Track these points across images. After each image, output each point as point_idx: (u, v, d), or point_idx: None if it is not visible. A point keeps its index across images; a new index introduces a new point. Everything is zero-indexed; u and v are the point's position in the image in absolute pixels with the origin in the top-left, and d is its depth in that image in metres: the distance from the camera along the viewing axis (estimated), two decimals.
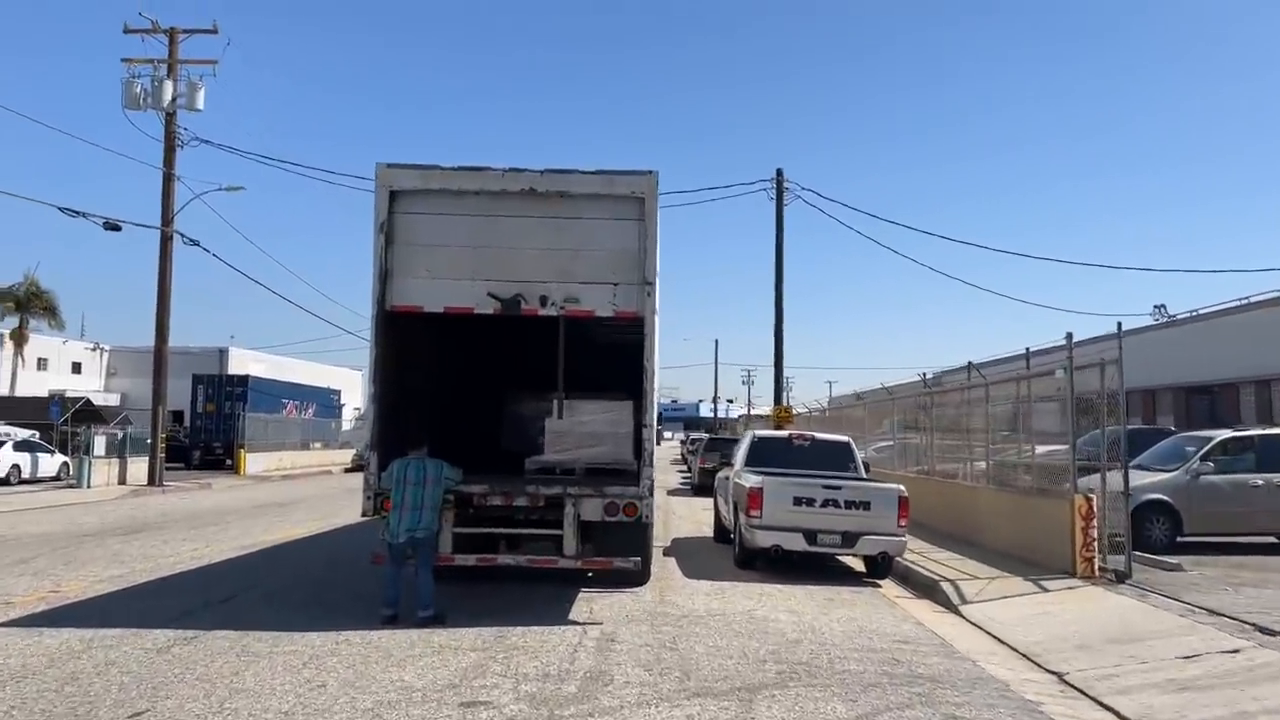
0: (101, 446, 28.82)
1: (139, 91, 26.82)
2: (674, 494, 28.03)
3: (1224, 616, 8.75)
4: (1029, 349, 15.48)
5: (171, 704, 5.84)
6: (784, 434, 15.61)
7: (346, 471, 39.40)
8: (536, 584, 10.23)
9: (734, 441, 24.69)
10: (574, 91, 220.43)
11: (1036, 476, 12.95)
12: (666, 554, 13.59)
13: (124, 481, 28.48)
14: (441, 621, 8.29)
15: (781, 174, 27.30)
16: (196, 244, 27.56)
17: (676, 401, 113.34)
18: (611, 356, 12.07)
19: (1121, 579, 10.68)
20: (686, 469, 40.98)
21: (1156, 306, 41.09)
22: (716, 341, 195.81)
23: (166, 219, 27.40)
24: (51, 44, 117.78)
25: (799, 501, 11.60)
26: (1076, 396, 11.70)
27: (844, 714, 5.98)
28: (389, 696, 6.08)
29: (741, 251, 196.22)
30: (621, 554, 9.39)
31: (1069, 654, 7.78)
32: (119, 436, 29.87)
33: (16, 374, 48.26)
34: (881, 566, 12.04)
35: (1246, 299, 29.48)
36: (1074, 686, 6.92)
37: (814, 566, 12.38)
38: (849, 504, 11.58)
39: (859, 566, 12.60)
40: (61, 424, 32.34)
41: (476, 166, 9.41)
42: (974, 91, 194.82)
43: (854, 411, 27.18)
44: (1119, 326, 11.80)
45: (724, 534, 14.62)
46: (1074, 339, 11.90)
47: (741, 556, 12.40)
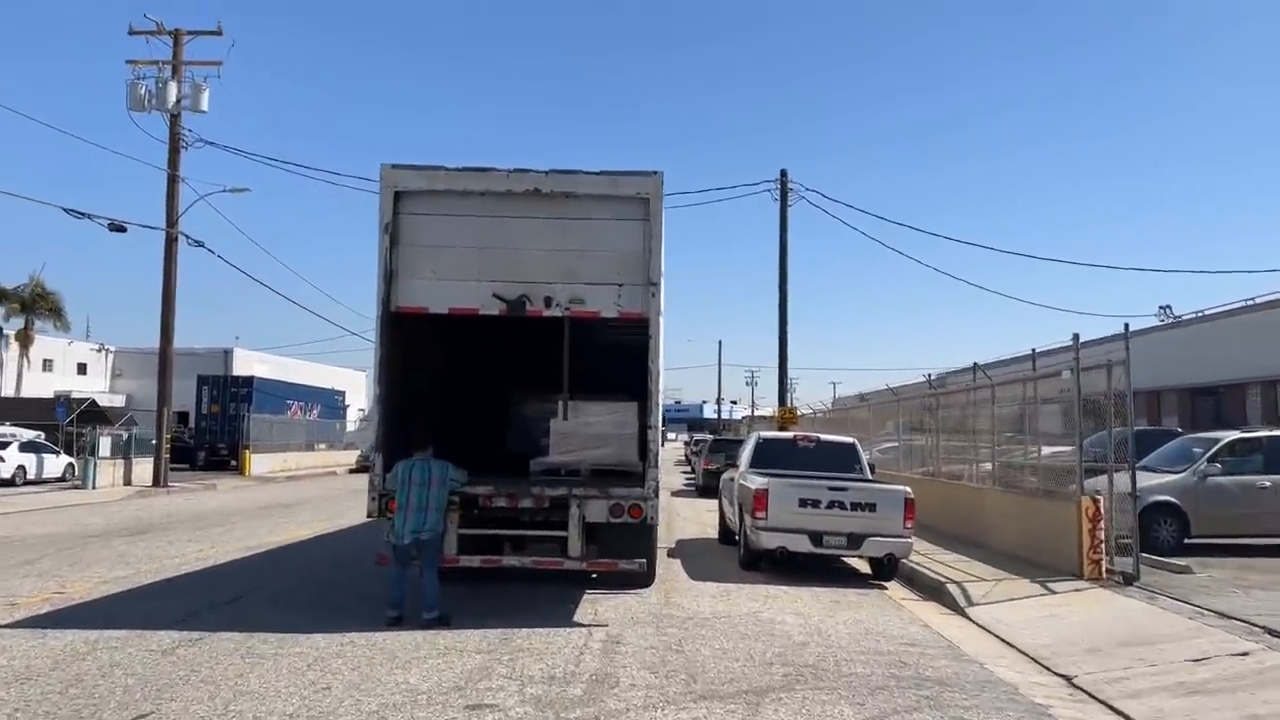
0: (107, 447, 28.90)
1: (144, 93, 26.89)
2: (678, 495, 28.00)
3: (1233, 619, 8.70)
4: (1035, 350, 15.41)
5: (176, 706, 5.83)
6: (789, 435, 15.59)
7: (351, 472, 39.48)
8: (541, 585, 10.21)
9: (738, 443, 24.71)
10: (577, 94, 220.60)
11: (1043, 478, 12.90)
12: (671, 555, 13.56)
13: (129, 482, 28.50)
14: (446, 623, 8.27)
15: (786, 174, 27.25)
16: (201, 245, 27.72)
17: (680, 403, 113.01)
18: (616, 358, 12.03)
19: (1129, 581, 10.64)
20: (690, 470, 40.93)
21: (1162, 307, 40.94)
22: (720, 342, 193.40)
23: (171, 220, 27.46)
24: (56, 46, 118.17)
25: (804, 503, 11.56)
26: (1083, 398, 11.67)
27: (851, 717, 5.94)
28: (394, 699, 6.07)
29: (745, 253, 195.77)
30: (626, 556, 9.36)
31: (1077, 657, 7.74)
32: (124, 437, 29.93)
33: (22, 375, 48.43)
34: (887, 568, 12.00)
35: (1252, 299, 29.44)
36: (1083, 689, 6.88)
37: (819, 568, 12.34)
38: (854, 505, 11.54)
39: (865, 568, 12.56)
40: (67, 425, 32.37)
41: (481, 167, 9.39)
42: (976, 93, 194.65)
43: (858, 413, 27.11)
44: (1126, 328, 11.78)
45: (729, 535, 14.58)
46: (1080, 340, 11.86)
47: (747, 558, 12.37)
